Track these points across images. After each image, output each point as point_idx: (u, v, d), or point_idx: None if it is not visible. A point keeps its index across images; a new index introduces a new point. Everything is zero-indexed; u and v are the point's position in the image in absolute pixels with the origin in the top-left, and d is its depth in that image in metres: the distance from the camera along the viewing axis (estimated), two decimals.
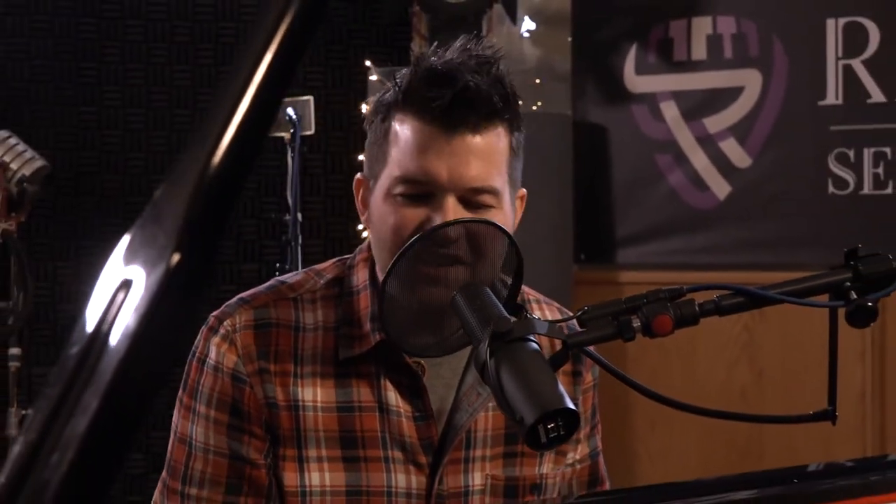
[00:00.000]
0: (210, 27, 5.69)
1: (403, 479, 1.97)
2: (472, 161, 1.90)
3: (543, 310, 2.14)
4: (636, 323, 1.57)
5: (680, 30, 5.85)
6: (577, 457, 2.14)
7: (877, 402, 5.51)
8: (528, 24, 6.12)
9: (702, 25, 5.82)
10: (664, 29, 5.88)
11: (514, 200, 2.02)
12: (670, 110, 5.87)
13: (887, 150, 5.50)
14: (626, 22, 5.97)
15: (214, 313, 2.00)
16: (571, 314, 2.18)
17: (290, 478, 1.95)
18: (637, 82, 5.95)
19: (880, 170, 5.51)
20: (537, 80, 6.17)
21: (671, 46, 5.88)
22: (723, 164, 5.78)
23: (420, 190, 1.90)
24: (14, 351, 4.89)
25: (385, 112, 1.97)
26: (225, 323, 1.97)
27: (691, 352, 5.75)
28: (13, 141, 5.03)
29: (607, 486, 2.24)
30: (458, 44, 1.96)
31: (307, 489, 1.95)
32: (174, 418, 2.00)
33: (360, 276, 2.02)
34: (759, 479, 1.88)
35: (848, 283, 1.63)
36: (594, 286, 5.76)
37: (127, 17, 5.66)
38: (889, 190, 5.47)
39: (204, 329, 1.98)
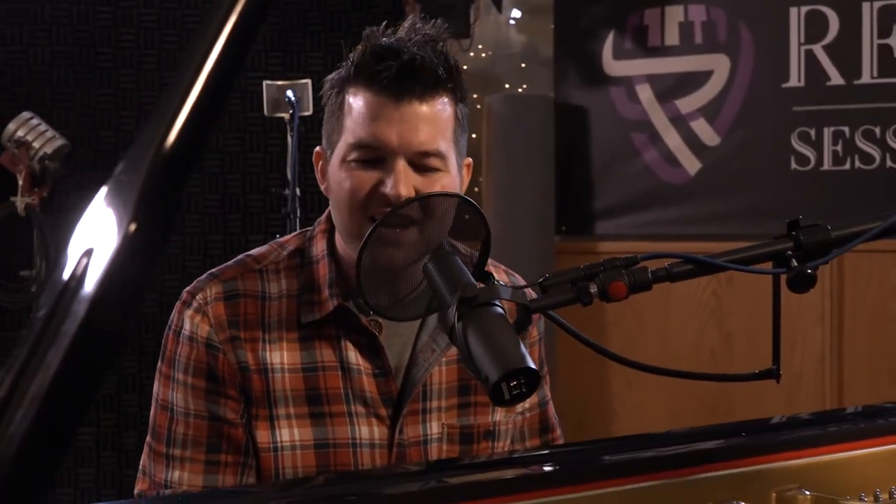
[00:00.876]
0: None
1: (366, 430, 1.98)
2: (420, 126, 1.92)
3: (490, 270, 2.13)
4: (593, 289, 1.58)
5: (654, 17, 5.85)
6: (528, 405, 2.15)
7: (835, 361, 5.53)
8: (513, 13, 6.12)
9: (674, 13, 5.82)
10: (639, 16, 5.88)
11: (461, 167, 2.02)
12: (645, 92, 5.87)
13: (845, 129, 5.50)
14: (604, 10, 5.96)
15: (187, 288, 2.01)
16: (519, 277, 2.21)
17: (262, 435, 1.96)
18: (614, 66, 5.95)
19: (839, 147, 5.52)
20: (522, 65, 6.18)
21: (646, 33, 5.87)
22: (694, 142, 5.78)
23: (372, 155, 1.92)
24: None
25: (339, 87, 1.98)
26: (197, 297, 1.98)
27: (664, 316, 5.77)
28: (35, 121, 5.03)
29: (558, 432, 2.25)
30: (406, 23, 1.97)
31: (279, 445, 1.96)
32: (155, 388, 2.02)
33: (319, 247, 2.03)
34: (726, 430, 1.88)
35: (789, 252, 1.63)
36: (575, 256, 5.77)
37: (141, 6, 5.64)
38: (847, 166, 5.47)
39: (178, 304, 2.00)
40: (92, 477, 5.53)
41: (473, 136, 6.11)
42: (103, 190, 0.76)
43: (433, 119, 1.94)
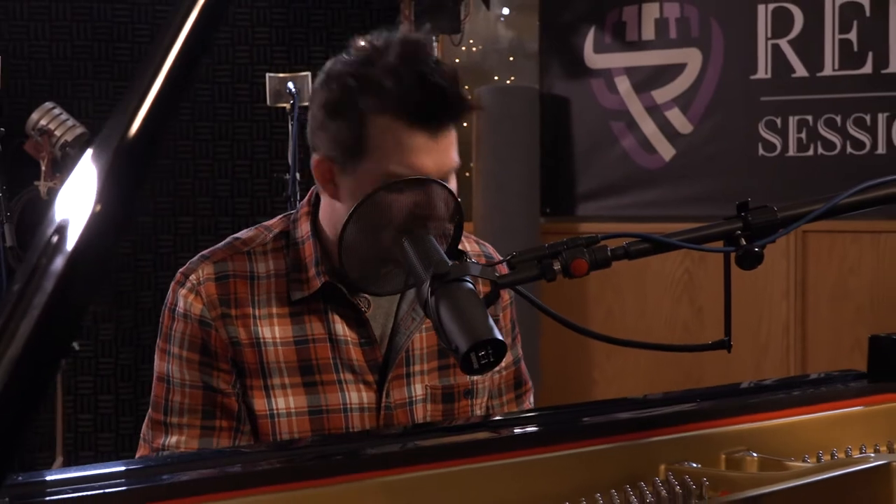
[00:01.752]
0: (227, 13, 5.67)
1: (356, 396, 1.98)
2: (450, 152, 1.90)
3: (463, 243, 2.12)
4: (557, 266, 1.57)
5: (632, 14, 5.86)
6: (503, 365, 2.14)
7: (799, 333, 5.54)
8: (501, 10, 6.12)
9: (650, 10, 5.82)
10: (618, 13, 5.88)
11: None
12: (623, 84, 5.88)
13: (809, 117, 5.51)
14: (585, 7, 5.96)
15: (181, 269, 2.00)
16: (489, 246, 2.20)
17: (259, 404, 1.96)
18: (595, 59, 5.95)
19: (803, 135, 5.53)
20: (510, 59, 6.17)
21: (624, 29, 5.88)
22: (668, 130, 5.79)
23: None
24: None
25: (355, 107, 1.89)
26: (190, 277, 1.98)
27: (641, 292, 5.79)
28: (57, 111, 5.03)
29: (530, 386, 2.26)
30: (395, 39, 1.89)
31: (275, 412, 1.96)
32: (155, 363, 2.02)
33: (303, 229, 2.02)
34: (680, 397, 1.88)
35: (738, 232, 1.63)
36: (558, 236, 5.62)
37: (155, 4, 5.64)
38: (811, 152, 5.48)
39: (173, 283, 2.00)
40: (111, 441, 5.57)
41: (465, 124, 6.12)
42: (74, 173, 0.77)
43: (454, 139, 1.92)
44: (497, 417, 2.12)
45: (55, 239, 0.73)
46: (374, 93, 1.86)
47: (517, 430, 1.73)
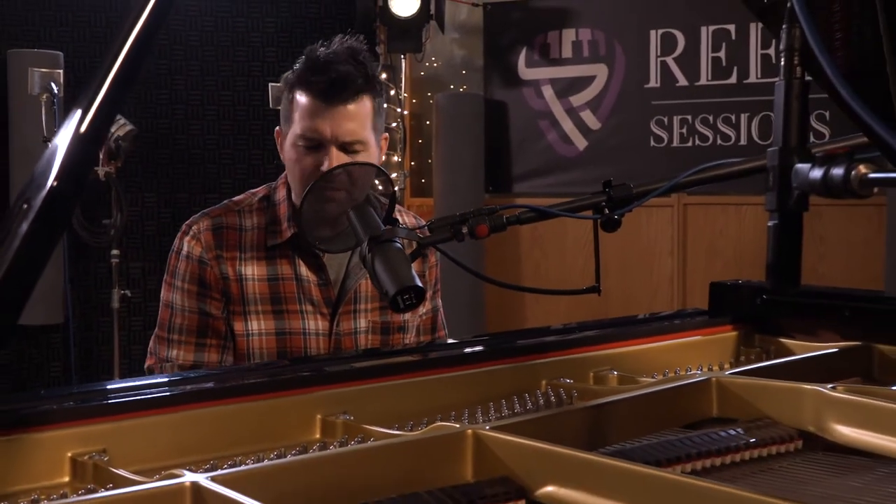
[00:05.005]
0: (242, 34, 5.64)
1: (313, 324, 1.99)
2: (344, 123, 1.92)
3: (403, 216, 2.14)
4: (465, 230, 1.57)
5: (554, 37, 5.84)
6: (424, 311, 2.15)
7: (680, 282, 5.57)
8: (453, 34, 6.09)
9: (568, 34, 5.81)
10: (544, 37, 5.87)
11: (378, 142, 2.02)
12: (548, 91, 5.88)
13: (689, 117, 5.53)
14: (518, 32, 5.94)
15: (186, 222, 2.02)
16: (424, 222, 2.19)
17: (238, 326, 1.97)
18: (526, 72, 5.94)
19: (684, 130, 5.54)
20: (462, 72, 6.14)
21: (548, 49, 5.86)
22: (582, 127, 5.80)
23: (312, 143, 1.93)
24: (115, 252, 4.87)
25: (290, 87, 1.97)
26: (193, 228, 2.00)
27: (562, 250, 5.79)
28: None
29: (444, 332, 2.24)
30: (337, 38, 1.96)
31: (250, 332, 1.97)
32: (161, 294, 2.02)
33: (280, 194, 2.04)
34: (602, 323, 1.88)
35: (603, 203, 1.64)
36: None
37: (188, 29, 5.58)
38: (690, 144, 5.50)
39: (179, 234, 2.01)
40: (142, 351, 5.53)
41: (428, 122, 6.10)
42: (41, 159, 0.77)
43: (355, 115, 1.93)
44: (415, 346, 2.11)
45: (24, 207, 0.73)
46: (295, 74, 1.96)
47: (436, 355, 1.72)
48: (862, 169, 0.89)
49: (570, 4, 5.80)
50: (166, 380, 1.49)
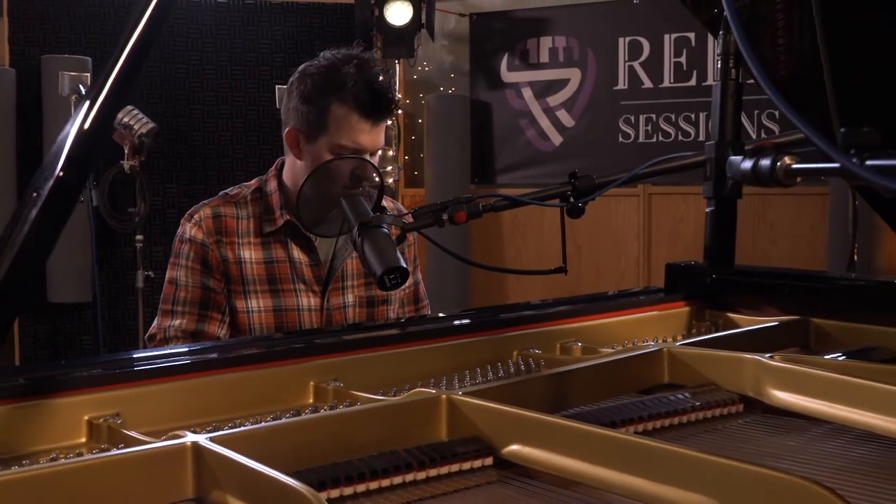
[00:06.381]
0: (252, 42, 5.62)
1: (306, 300, 1.99)
2: (381, 136, 1.94)
3: (385, 204, 2.14)
4: (445, 216, 1.58)
5: (533, 44, 5.83)
6: (406, 285, 2.15)
7: (645, 264, 5.58)
8: (443, 41, 6.07)
9: (546, 42, 5.80)
10: (524, 44, 5.85)
11: None
12: (527, 93, 5.87)
13: (653, 115, 5.52)
14: (501, 40, 5.93)
15: (188, 211, 2.01)
16: (406, 210, 2.18)
17: (239, 304, 1.97)
18: (508, 76, 5.93)
19: (649, 128, 5.55)
20: (451, 75, 6.13)
21: (528, 54, 5.85)
22: (558, 124, 5.79)
23: (353, 152, 1.91)
24: (139, 237, 4.85)
25: (325, 93, 1.91)
26: (195, 216, 1.99)
27: (539, 236, 5.80)
28: (135, 111, 4.92)
29: (425, 302, 2.24)
30: (352, 54, 1.93)
31: (250, 310, 1.97)
32: (166, 275, 2.01)
33: (272, 185, 2.04)
34: (569, 300, 1.88)
35: (569, 192, 1.64)
36: (482, 199, 5.77)
37: (205, 38, 5.56)
38: (654, 140, 5.50)
39: (182, 220, 2.00)
40: None
41: (420, 121, 6.08)
42: (49, 153, 0.76)
43: (384, 128, 1.96)
44: (400, 320, 2.10)
45: (34, 195, 0.72)
46: (336, 90, 1.90)
47: (418, 328, 1.72)
48: (787, 160, 0.89)
49: (547, 15, 5.79)
50: (175, 351, 1.48)
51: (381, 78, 1.91)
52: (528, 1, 5.90)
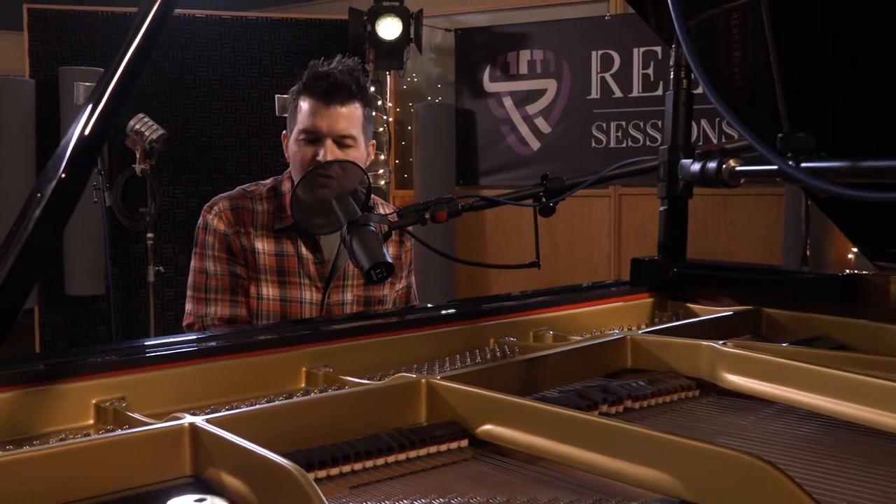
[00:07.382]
0: (254, 55, 5.60)
1: (309, 294, 1.98)
2: (339, 120, 1.92)
3: (379, 205, 2.13)
4: (427, 215, 1.57)
5: (513, 57, 5.82)
6: (399, 287, 2.15)
7: (616, 260, 5.58)
8: (430, 54, 6.06)
9: (525, 54, 5.78)
10: (504, 56, 5.84)
11: (367, 146, 2.01)
12: (508, 101, 5.85)
13: (623, 122, 5.52)
14: (483, 53, 5.91)
15: (208, 203, 2.01)
16: (394, 209, 2.18)
17: (252, 291, 1.96)
18: (490, 86, 5.91)
19: (619, 134, 5.54)
20: (438, 85, 6.11)
21: (508, 66, 5.84)
22: (536, 131, 5.78)
23: (311, 136, 1.92)
24: (150, 235, 4.82)
25: (295, 95, 1.98)
26: (215, 207, 1.99)
27: (520, 232, 5.79)
28: (146, 119, 4.90)
29: (416, 304, 2.24)
30: (337, 58, 1.96)
31: (261, 296, 1.96)
32: (193, 264, 2.00)
33: (286, 186, 2.03)
34: (542, 292, 1.87)
35: (541, 193, 1.64)
36: (466, 199, 5.75)
37: (211, 49, 5.53)
38: (624, 145, 5.50)
39: (203, 212, 2.00)
40: (173, 317, 5.50)
41: (409, 127, 6.08)
42: (53, 156, 0.75)
43: (348, 116, 1.93)
44: (389, 311, 2.09)
45: (38, 195, 0.71)
46: (299, 88, 1.97)
47: (403, 318, 1.71)
48: (731, 163, 0.89)
49: (526, 30, 5.78)
50: (176, 339, 1.48)
51: (338, 69, 1.92)
52: (509, 17, 5.89)
